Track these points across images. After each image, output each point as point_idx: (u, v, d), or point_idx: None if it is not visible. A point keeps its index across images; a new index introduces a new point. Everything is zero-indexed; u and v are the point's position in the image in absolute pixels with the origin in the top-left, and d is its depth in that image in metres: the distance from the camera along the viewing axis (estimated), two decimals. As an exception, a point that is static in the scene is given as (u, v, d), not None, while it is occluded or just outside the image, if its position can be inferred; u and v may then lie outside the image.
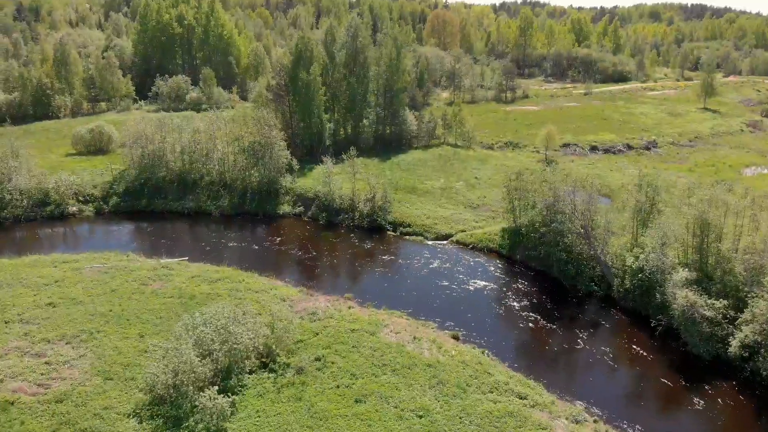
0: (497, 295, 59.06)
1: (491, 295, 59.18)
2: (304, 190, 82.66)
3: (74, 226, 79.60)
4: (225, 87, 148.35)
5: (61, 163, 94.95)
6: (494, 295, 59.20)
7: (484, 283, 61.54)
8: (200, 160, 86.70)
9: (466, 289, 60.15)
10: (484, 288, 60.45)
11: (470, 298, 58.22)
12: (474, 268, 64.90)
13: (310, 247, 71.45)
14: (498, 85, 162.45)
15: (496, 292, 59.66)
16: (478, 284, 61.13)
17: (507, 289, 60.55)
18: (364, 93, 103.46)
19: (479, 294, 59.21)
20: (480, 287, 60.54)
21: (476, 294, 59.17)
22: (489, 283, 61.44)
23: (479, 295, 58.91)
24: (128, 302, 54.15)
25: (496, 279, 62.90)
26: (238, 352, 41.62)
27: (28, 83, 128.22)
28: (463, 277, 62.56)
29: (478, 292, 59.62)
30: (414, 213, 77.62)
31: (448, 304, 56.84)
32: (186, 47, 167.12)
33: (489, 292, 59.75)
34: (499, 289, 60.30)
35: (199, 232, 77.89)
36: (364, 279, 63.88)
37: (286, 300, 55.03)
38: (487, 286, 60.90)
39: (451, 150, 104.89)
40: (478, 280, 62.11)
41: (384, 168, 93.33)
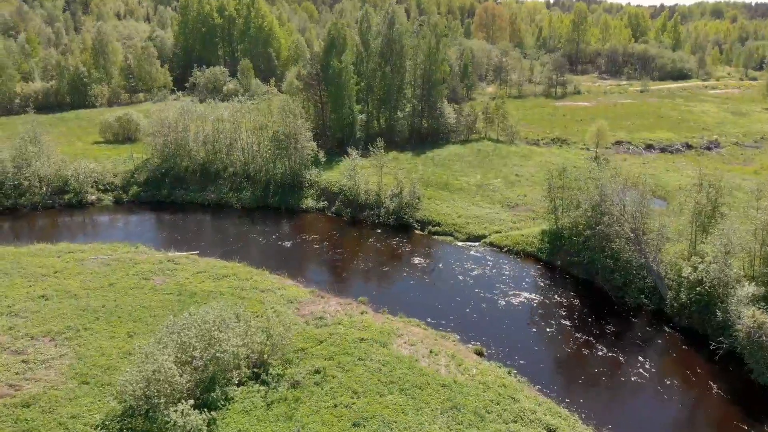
0: (532, 306, 52.33)
1: (525, 305, 52.48)
2: (329, 184, 77.45)
3: (91, 215, 76.66)
4: (265, 80, 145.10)
5: (86, 150, 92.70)
6: (528, 305, 52.48)
7: (518, 291, 54.87)
8: (223, 150, 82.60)
9: (497, 297, 53.64)
10: (518, 297, 53.79)
11: (500, 308, 51.70)
12: (508, 274, 58.27)
13: (329, 245, 66.16)
14: (547, 80, 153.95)
15: (531, 302, 52.92)
16: (511, 292, 54.52)
17: (543, 298, 53.74)
18: (400, 84, 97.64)
19: (511, 304, 52.61)
20: (512, 296, 53.92)
21: (507, 303, 52.59)
22: (523, 292, 54.73)
23: (511, 305, 52.31)
24: (124, 298, 50.03)
25: (532, 287, 56.13)
26: (223, 361, 36.45)
27: (65, 71, 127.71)
28: (494, 284, 56.05)
29: (510, 301, 53.02)
30: (445, 211, 71.37)
31: (474, 314, 50.48)
32: (227, 39, 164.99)
33: (522, 301, 53.07)
34: (534, 299, 53.53)
35: (217, 225, 73.69)
36: (383, 281, 58.12)
37: (293, 301, 49.81)
38: (520, 294, 54.22)
39: (491, 145, 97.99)
40: (511, 287, 55.50)
41: (416, 163, 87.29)
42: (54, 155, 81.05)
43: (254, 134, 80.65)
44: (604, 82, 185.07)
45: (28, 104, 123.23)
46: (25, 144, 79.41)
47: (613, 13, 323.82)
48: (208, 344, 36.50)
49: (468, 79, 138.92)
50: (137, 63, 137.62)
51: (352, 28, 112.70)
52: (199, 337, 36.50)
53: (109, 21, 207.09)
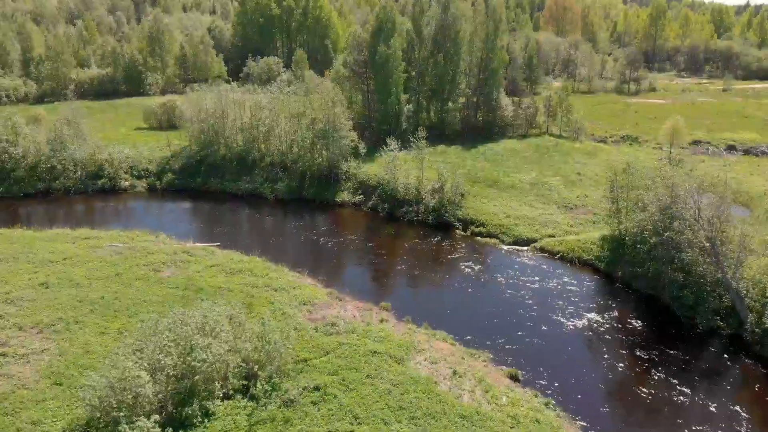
0: (583, 324, 44.74)
1: (575, 322, 44.95)
2: (367, 177, 71.65)
3: (122, 202, 74.01)
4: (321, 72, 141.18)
5: (128, 136, 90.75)
6: (579, 322, 44.91)
7: (569, 305, 47.34)
8: (261, 139, 78.36)
9: (543, 311, 46.33)
10: (567, 312, 46.29)
11: (545, 325, 44.40)
12: (558, 285, 50.77)
13: (360, 242, 60.42)
14: (620, 75, 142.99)
15: (583, 320, 45.32)
16: (560, 306, 47.06)
17: (598, 315, 46.01)
18: (454, 73, 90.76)
19: (559, 320, 45.19)
20: (561, 310, 46.47)
21: (555, 320, 45.21)
22: (575, 306, 47.16)
23: (558, 322, 44.91)
24: (126, 290, 45.92)
25: (586, 301, 48.44)
26: (201, 371, 31.16)
27: (120, 59, 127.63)
28: (541, 296, 48.72)
29: (558, 317, 45.60)
30: (491, 210, 64.23)
31: (513, 330, 43.43)
32: (284, 30, 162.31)
33: (573, 318, 45.55)
34: (587, 316, 45.89)
35: (247, 216, 69.40)
36: (412, 286, 51.86)
37: (306, 303, 44.25)
38: (571, 309, 46.68)
39: (552, 141, 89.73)
40: (560, 300, 48.02)
41: (465, 157, 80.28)
42: (90, 139, 78.83)
43: (291, 122, 75.86)
44: (682, 80, 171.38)
45: (82, 90, 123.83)
46: (61, 127, 77.50)
47: (695, 9, 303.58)
48: (186, 350, 31.30)
49: (533, 73, 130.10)
50: (192, 52, 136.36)
51: (405, 13, 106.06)
52: (176, 341, 31.38)
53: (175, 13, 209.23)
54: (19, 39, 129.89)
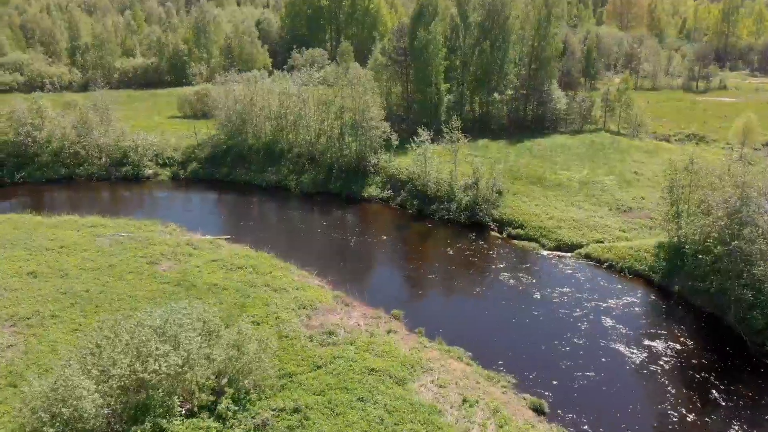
0: (630, 346, 37.76)
1: (621, 344, 38.02)
2: (397, 171, 65.89)
3: (144, 190, 70.98)
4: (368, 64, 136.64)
5: (160, 124, 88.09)
6: (625, 344, 37.95)
7: (614, 323, 40.38)
8: (289, 128, 73.91)
9: (582, 329, 39.59)
10: (612, 331, 39.38)
11: (583, 347, 37.68)
12: (603, 298, 43.78)
13: (382, 241, 54.91)
14: (688, 72, 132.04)
15: (630, 341, 38.32)
16: (603, 324, 40.18)
17: (649, 336, 38.92)
18: (502, 62, 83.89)
19: (600, 340, 38.36)
20: (605, 329, 39.59)
21: (595, 340, 38.40)
22: (621, 325, 40.15)
23: (600, 343, 38.09)
24: (116, 283, 41.99)
25: (635, 319, 41.33)
26: (152, 385, 26.29)
27: (165, 49, 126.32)
28: (582, 310, 41.93)
29: (600, 337, 38.77)
30: (532, 210, 57.44)
31: (543, 351, 36.95)
32: (333, 23, 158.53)
33: (618, 338, 38.63)
34: (635, 336, 38.86)
35: (267, 209, 65.06)
36: (432, 292, 45.91)
37: (306, 306, 39.02)
38: (617, 328, 39.73)
39: (608, 137, 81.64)
40: (604, 317, 41.11)
41: (509, 152, 73.40)
42: (116, 125, 76.17)
43: (319, 110, 70.96)
44: (755, 79, 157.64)
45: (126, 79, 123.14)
46: (87, 111, 75.20)
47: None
48: (139, 359, 26.50)
49: (591, 67, 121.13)
50: (238, 43, 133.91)
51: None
52: (127, 349, 26.64)
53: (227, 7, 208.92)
54: (68, 28, 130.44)
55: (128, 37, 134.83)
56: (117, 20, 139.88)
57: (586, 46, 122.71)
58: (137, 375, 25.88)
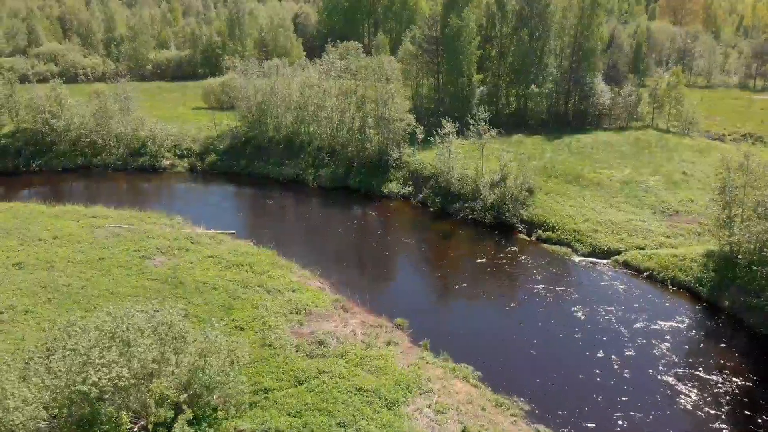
0: (669, 370, 32.39)
1: (658, 367, 32.68)
2: (420, 167, 61.31)
3: (157, 181, 68.41)
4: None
5: (183, 115, 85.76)
6: (664, 368, 32.60)
7: (652, 342, 35.01)
8: (309, 119, 70.25)
9: (614, 348, 34.37)
10: (649, 352, 34.04)
11: (614, 369, 32.49)
12: (641, 313, 38.36)
13: (398, 241, 50.51)
14: (744, 69, 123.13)
15: (669, 363, 32.95)
16: (640, 343, 34.86)
17: (692, 359, 33.46)
18: (541, 52, 78.28)
19: (635, 362, 33.08)
20: (641, 349, 34.28)
21: (629, 361, 33.15)
22: (662, 344, 34.77)
23: (634, 365, 32.81)
24: (101, 278, 38.93)
25: (677, 338, 35.83)
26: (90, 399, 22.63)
27: (198, 41, 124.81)
28: (615, 326, 36.66)
29: (635, 358, 33.49)
30: (565, 211, 52.06)
31: (566, 373, 31.94)
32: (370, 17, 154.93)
33: (656, 361, 33.29)
34: (676, 358, 33.46)
35: (281, 203, 61.41)
36: (445, 300, 41.29)
37: (300, 311, 34.99)
38: (655, 348, 34.37)
39: (655, 135, 75.17)
40: (641, 335, 35.75)
41: (545, 148, 67.88)
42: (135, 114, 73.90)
43: (340, 101, 66.96)
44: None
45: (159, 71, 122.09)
46: (106, 100, 73.24)
47: None
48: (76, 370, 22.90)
49: (641, 62, 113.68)
50: (272, 36, 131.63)
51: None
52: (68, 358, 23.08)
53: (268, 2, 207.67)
54: (104, 20, 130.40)
55: (164, 29, 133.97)
56: (154, 12, 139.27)
57: (636, 39, 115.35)
58: (71, 389, 22.25)
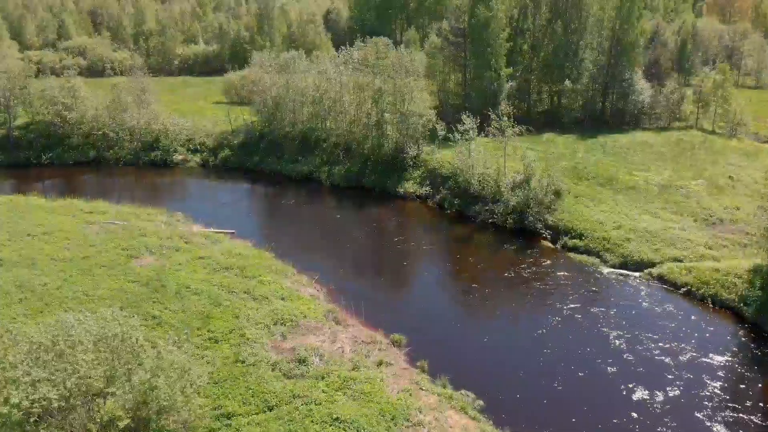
0: (706, 403, 27.66)
1: (692, 400, 27.98)
2: (439, 165, 57.11)
3: (167, 176, 66.09)
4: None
5: (201, 109, 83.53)
6: (700, 401, 27.88)
7: (688, 372, 30.28)
8: (324, 114, 66.88)
9: (644, 376, 29.78)
10: (683, 379, 29.34)
11: (639, 402, 27.92)
12: (676, 336, 33.58)
13: (410, 246, 46.48)
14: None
15: (707, 395, 28.21)
16: (673, 373, 30.17)
17: (734, 391, 28.65)
18: (576, 45, 73.20)
19: (666, 394, 28.45)
20: (674, 377, 29.60)
21: (660, 391, 28.52)
22: (702, 373, 30.02)
23: (665, 397, 28.19)
24: (80, 278, 36.21)
25: (717, 365, 30.96)
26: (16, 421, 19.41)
27: (226, 36, 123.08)
28: (646, 350, 32.02)
29: (667, 387, 28.84)
30: (595, 217, 47.23)
31: (583, 404, 27.54)
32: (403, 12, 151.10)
33: (690, 391, 28.58)
34: (714, 389, 28.68)
35: (291, 202, 58.11)
36: (454, 313, 37.10)
37: (285, 322, 31.41)
38: (694, 377, 29.63)
39: (699, 136, 69.34)
40: (676, 364, 31.02)
41: (577, 148, 62.92)
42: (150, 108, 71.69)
43: (355, 94, 63.30)
44: None
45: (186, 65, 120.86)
46: (119, 92, 71.32)
47: None
48: (4, 387, 19.73)
49: (686, 60, 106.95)
50: (301, 32, 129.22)
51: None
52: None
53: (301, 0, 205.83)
54: (134, 14, 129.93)
55: (193, 23, 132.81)
56: (184, 7, 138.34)
57: (681, 36, 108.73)
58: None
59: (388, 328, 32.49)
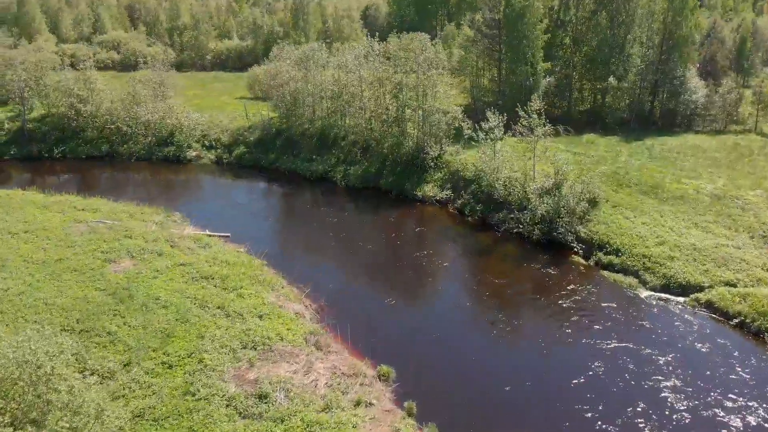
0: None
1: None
2: (462, 167, 51.87)
3: (179, 174, 62.81)
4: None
5: (223, 104, 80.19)
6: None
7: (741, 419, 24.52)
8: (342, 110, 62.53)
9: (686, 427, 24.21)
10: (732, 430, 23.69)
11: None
12: (725, 380, 27.76)
13: (424, 256, 41.50)
14: None
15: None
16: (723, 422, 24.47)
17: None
18: (623, 39, 66.74)
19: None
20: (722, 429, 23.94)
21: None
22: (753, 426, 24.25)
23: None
24: (46, 283, 32.95)
25: (778, 418, 25.12)
26: None
27: (259, 31, 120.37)
28: (688, 395, 26.37)
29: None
30: (635, 230, 41.26)
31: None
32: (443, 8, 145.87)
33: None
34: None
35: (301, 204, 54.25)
36: (458, 340, 31.94)
37: (258, 346, 27.03)
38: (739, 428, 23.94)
39: (759, 141, 62.00)
40: (733, 413, 25.29)
41: (620, 151, 56.66)
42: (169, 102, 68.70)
43: (374, 87, 58.61)
44: None
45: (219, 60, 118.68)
46: (135, 85, 68.64)
47: None
48: None
49: (745, 60, 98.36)
50: (336, 27, 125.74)
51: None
52: None
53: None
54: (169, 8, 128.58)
55: (228, 18, 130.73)
56: (220, 2, 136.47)
57: (740, 34, 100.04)
58: None
59: (379, 356, 27.80)
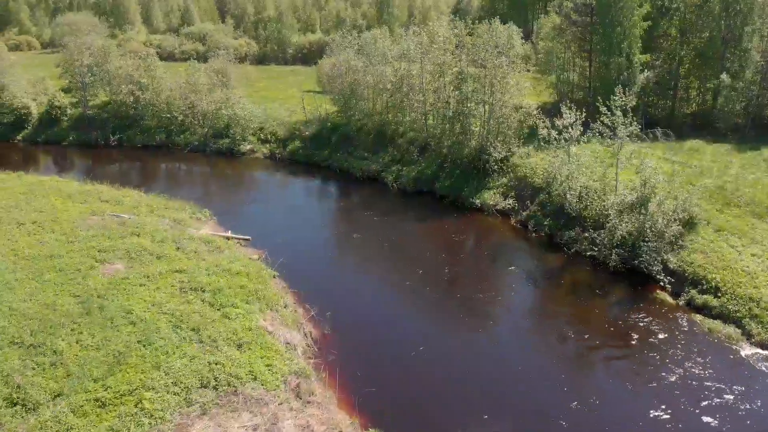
0: None
1: None
2: (531, 173, 44.03)
3: (230, 167, 59.45)
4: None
5: (288, 97, 76.41)
6: None
7: None
8: (402, 104, 56.31)
9: None
10: None
11: None
12: None
13: (471, 278, 34.64)
14: None
15: None
16: None
17: None
18: (740, 30, 56.03)
19: None
20: None
21: None
22: None
23: None
24: (25, 283, 29.26)
25: None
26: None
27: (342, 24, 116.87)
28: None
29: None
30: (741, 264, 32.04)
31: None
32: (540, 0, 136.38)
33: None
34: None
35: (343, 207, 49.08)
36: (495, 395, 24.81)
37: (218, 386, 21.47)
38: None
39: None
40: None
41: (730, 161, 46.50)
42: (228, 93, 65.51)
43: (433, 78, 51.76)
44: None
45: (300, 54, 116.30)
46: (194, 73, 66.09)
47: None
48: None
49: None
50: (421, 19, 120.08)
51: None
52: None
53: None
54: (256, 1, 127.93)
55: (312, 12, 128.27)
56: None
57: None
58: None
59: (375, 410, 21.46)
